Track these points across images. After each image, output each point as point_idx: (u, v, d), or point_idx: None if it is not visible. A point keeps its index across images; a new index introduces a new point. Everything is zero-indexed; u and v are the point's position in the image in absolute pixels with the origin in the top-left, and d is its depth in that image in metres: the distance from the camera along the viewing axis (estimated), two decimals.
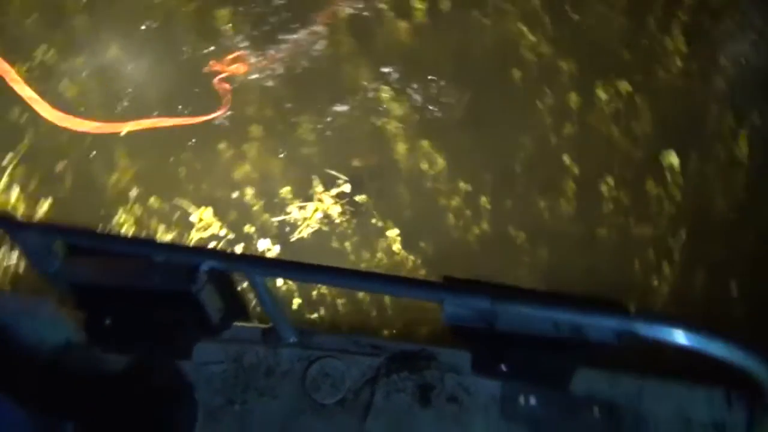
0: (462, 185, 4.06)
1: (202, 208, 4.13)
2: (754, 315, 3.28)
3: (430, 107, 4.40)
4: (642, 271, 3.69)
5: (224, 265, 1.87)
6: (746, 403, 2.24)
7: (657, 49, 4.35)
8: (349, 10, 4.79)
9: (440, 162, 4.15)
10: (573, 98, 4.18)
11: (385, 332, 3.71)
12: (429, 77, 4.49)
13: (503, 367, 1.81)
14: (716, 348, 1.61)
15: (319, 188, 4.15)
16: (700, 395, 2.32)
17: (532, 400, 2.36)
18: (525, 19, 4.55)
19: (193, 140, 4.44)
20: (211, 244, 4.00)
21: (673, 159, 3.75)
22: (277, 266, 2.03)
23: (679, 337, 1.59)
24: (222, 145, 4.36)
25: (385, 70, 4.54)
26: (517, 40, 4.51)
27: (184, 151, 4.39)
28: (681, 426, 2.31)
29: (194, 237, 4.05)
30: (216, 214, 4.12)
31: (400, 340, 2.81)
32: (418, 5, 4.71)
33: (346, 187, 4.14)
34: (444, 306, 1.70)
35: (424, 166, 4.19)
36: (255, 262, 2.05)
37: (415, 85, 4.48)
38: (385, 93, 4.37)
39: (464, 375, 2.40)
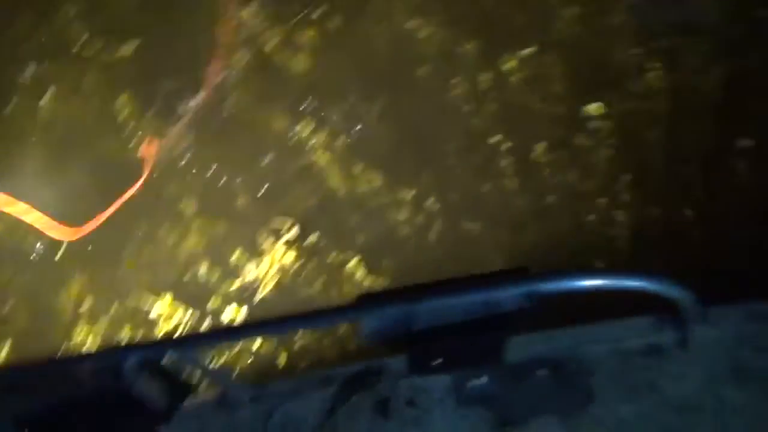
0: (405, 193, 4.05)
1: (161, 296, 4.09)
2: (713, 238, 3.33)
3: (352, 129, 4.39)
4: (599, 223, 3.71)
5: (149, 355, 1.91)
6: (674, 322, 2.30)
7: (549, 3, 4.37)
8: (242, 58, 4.75)
9: (378, 178, 4.13)
10: (483, 78, 4.18)
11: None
12: (341, 99, 4.47)
13: (437, 362, 1.89)
14: (624, 282, 1.78)
15: (269, 240, 4.12)
16: (633, 326, 2.39)
17: (483, 380, 2.39)
18: (415, 12, 4.55)
19: (133, 231, 4.39)
20: (180, 331, 3.96)
21: (594, 109, 3.77)
22: (200, 338, 2.09)
23: (584, 282, 1.74)
24: (162, 230, 4.31)
25: (297, 105, 4.52)
26: (413, 36, 4.50)
27: (127, 244, 4.33)
28: (620, 359, 2.37)
29: (162, 328, 4.01)
30: (176, 298, 4.11)
31: (349, 363, 2.86)
32: (308, 32, 4.70)
33: (295, 231, 4.12)
34: (362, 323, 1.77)
35: (364, 187, 4.17)
36: (177, 342, 2.10)
37: (331, 112, 4.46)
38: (305, 128, 4.33)
39: (414, 378, 2.41)
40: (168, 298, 4.05)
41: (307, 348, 3.90)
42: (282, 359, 3.89)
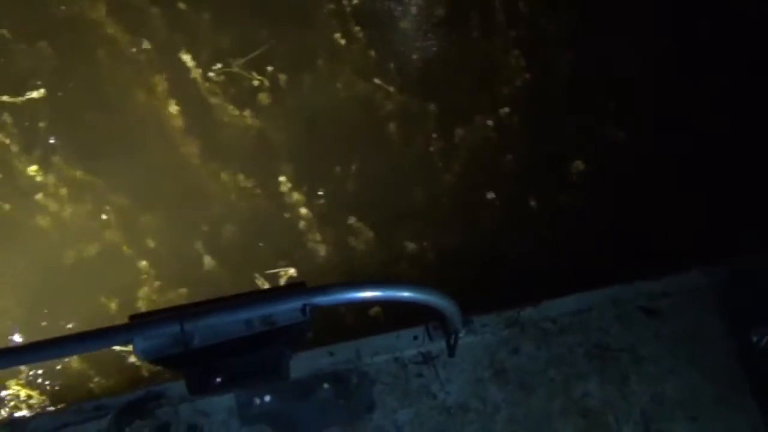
0: (409, 246, 4.04)
1: None
2: None
3: (329, 187, 4.29)
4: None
5: None
6: (443, 331, 2.75)
7: (494, 65, 4.67)
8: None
9: (369, 234, 4.07)
10: (454, 135, 4.34)
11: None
12: (313, 158, 4.36)
13: (218, 380, 1.90)
14: (395, 294, 1.96)
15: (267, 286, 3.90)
16: (406, 336, 2.81)
17: (267, 398, 2.58)
18: (371, 72, 4.60)
19: None
20: None
21: (579, 164, 4.10)
22: None
23: (357, 294, 1.90)
24: None
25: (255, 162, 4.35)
26: (373, 96, 4.55)
27: None
28: (397, 368, 2.74)
29: None
30: None
31: (125, 390, 2.87)
32: (255, 81, 4.55)
33: (292, 271, 3.97)
34: (134, 344, 1.74)
35: (353, 241, 4.08)
36: None
37: (299, 168, 4.33)
38: (283, 186, 4.13)
39: (198, 400, 2.54)
40: None
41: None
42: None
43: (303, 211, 4.08)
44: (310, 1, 4.79)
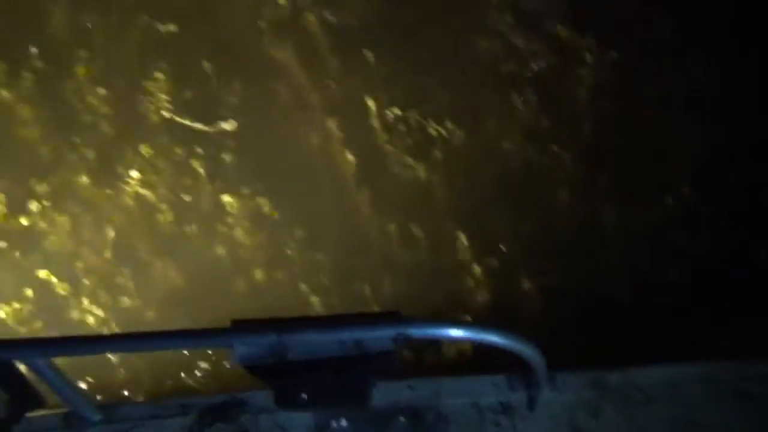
0: (568, 312, 4.05)
1: None
2: None
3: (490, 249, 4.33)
4: None
5: None
6: (525, 382, 2.63)
7: (668, 140, 4.63)
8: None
9: (537, 298, 4.08)
10: (629, 212, 4.33)
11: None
12: (480, 216, 4.43)
13: (304, 396, 1.90)
14: (485, 336, 1.93)
15: None
16: (486, 383, 2.70)
17: (344, 422, 2.52)
18: (543, 137, 4.65)
19: None
20: None
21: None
22: (54, 345, 1.94)
23: (452, 332, 1.87)
24: None
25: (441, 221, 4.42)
26: (543, 161, 4.59)
27: None
28: (474, 413, 2.63)
29: None
30: None
31: (210, 393, 2.84)
32: (429, 133, 4.67)
33: None
34: (234, 348, 1.79)
35: (522, 304, 4.11)
36: (31, 346, 1.97)
37: (472, 229, 4.39)
38: (453, 242, 4.21)
39: (277, 413, 2.49)
40: None
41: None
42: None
43: (474, 268, 4.13)
44: (490, 61, 4.90)
